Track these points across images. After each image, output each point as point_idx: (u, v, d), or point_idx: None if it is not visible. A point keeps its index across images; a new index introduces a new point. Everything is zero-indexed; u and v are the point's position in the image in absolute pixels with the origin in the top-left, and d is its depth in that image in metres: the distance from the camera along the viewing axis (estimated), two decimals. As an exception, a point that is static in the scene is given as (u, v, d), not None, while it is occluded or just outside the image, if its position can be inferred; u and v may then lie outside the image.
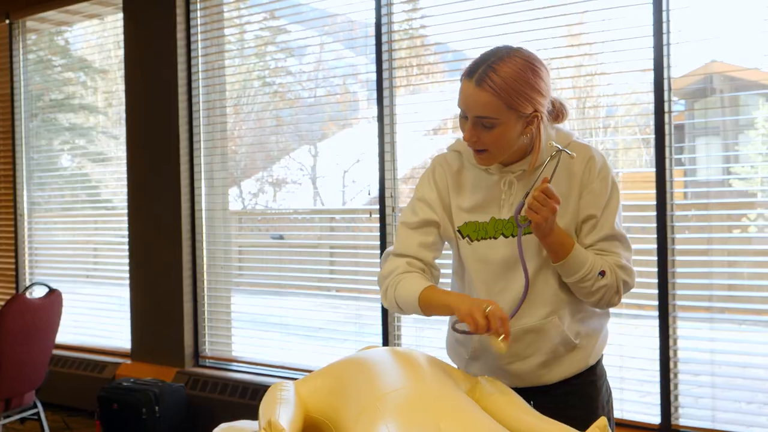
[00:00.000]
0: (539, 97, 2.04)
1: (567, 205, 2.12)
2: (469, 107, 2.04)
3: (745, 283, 3.75)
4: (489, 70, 2.01)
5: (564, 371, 2.21)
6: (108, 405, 4.87)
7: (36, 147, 6.55)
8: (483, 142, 2.05)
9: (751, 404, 3.66)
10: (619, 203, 2.15)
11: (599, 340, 2.26)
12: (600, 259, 2.09)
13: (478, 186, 2.18)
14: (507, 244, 2.13)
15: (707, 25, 3.63)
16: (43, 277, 6.36)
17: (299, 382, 1.96)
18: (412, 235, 2.23)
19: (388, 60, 4.53)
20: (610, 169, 2.15)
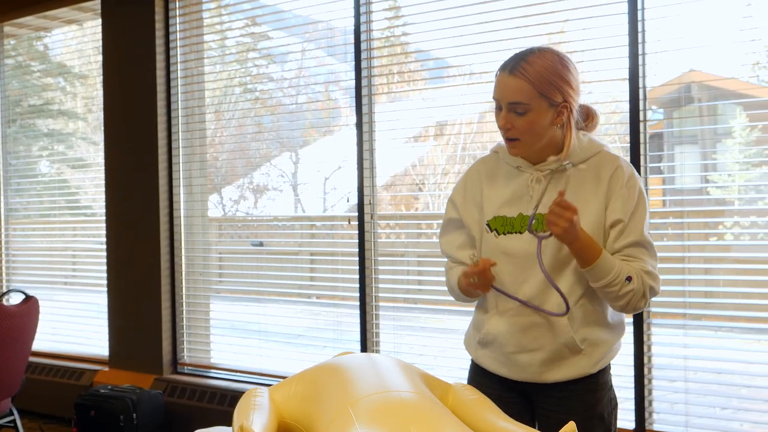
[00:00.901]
0: (569, 89, 2.21)
1: (590, 209, 2.23)
2: (504, 94, 2.21)
3: (720, 290, 3.78)
4: (522, 62, 2.20)
5: (564, 373, 2.27)
6: (85, 412, 4.84)
7: (14, 153, 6.51)
8: (516, 128, 2.21)
9: (725, 410, 3.68)
10: (646, 212, 2.25)
11: (607, 351, 2.31)
12: (627, 265, 2.18)
13: (510, 183, 2.33)
14: (532, 239, 2.24)
15: (685, 35, 3.66)
16: (21, 284, 6.32)
17: (273, 388, 1.96)
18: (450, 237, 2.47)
19: (367, 67, 4.53)
20: (638, 180, 2.28)
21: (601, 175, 2.24)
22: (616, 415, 2.40)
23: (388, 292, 4.57)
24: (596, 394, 2.31)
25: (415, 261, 4.64)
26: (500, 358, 2.34)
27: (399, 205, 4.93)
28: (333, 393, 1.79)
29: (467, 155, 4.59)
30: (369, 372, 1.87)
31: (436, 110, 4.60)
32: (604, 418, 2.33)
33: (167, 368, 5.37)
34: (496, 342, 2.34)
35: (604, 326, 2.30)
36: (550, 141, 2.25)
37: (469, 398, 1.96)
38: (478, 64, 4.23)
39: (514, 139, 2.23)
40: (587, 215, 2.21)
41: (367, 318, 4.55)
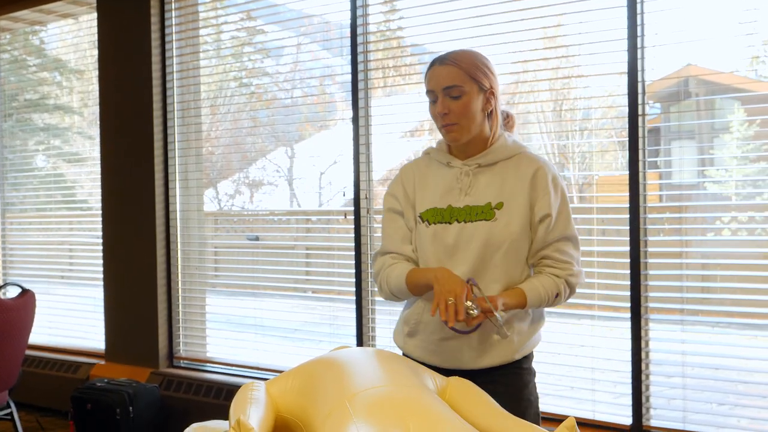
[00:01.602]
0: (493, 77, 2.41)
1: (516, 202, 2.37)
2: (438, 82, 2.38)
3: (718, 285, 3.77)
4: (448, 54, 2.41)
5: (491, 359, 2.40)
6: (82, 405, 4.84)
7: (10, 147, 6.50)
8: (453, 112, 2.36)
9: (723, 405, 3.69)
10: (569, 207, 2.44)
11: (529, 340, 2.47)
12: (552, 282, 2.39)
13: (441, 178, 2.46)
14: (459, 229, 2.38)
15: (683, 29, 3.65)
16: (18, 278, 6.32)
17: (270, 382, 1.96)
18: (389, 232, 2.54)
19: (363, 61, 4.52)
20: (560, 179, 2.45)
21: (524, 173, 2.39)
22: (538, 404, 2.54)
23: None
24: (522, 378, 2.45)
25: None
26: (429, 346, 2.45)
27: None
28: (330, 387, 1.79)
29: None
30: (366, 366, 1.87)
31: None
32: (531, 401, 2.46)
33: (163, 362, 5.37)
34: (426, 330, 2.45)
35: (528, 317, 2.46)
36: (480, 133, 2.41)
37: (466, 392, 1.96)
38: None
39: (451, 124, 2.37)
40: (514, 207, 2.37)
41: (363, 312, 4.55)
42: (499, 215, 2.36)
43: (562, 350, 3.99)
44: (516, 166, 2.41)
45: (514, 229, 2.35)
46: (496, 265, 2.37)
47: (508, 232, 2.35)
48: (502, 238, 2.35)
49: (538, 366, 3.94)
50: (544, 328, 2.56)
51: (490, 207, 2.37)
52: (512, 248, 2.36)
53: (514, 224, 2.35)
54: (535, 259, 2.43)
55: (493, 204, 2.37)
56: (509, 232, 2.35)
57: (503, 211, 2.36)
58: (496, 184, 2.39)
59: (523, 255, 2.40)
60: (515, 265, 2.39)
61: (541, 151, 4.51)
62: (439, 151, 2.50)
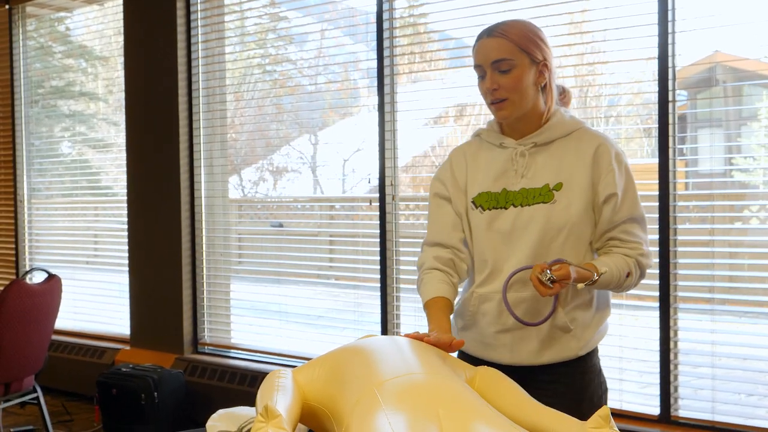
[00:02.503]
0: (546, 48, 2.25)
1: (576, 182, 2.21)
2: (486, 55, 2.22)
3: (745, 274, 3.74)
4: (496, 25, 2.24)
5: (553, 355, 2.25)
6: (107, 390, 4.88)
7: (36, 133, 6.54)
8: (503, 87, 2.20)
9: (751, 396, 3.65)
10: (635, 186, 2.26)
11: (595, 333, 2.29)
12: (622, 261, 2.21)
13: (493, 160, 2.30)
14: (515, 214, 2.23)
15: (711, 15, 3.61)
16: (43, 263, 6.36)
17: (297, 370, 1.95)
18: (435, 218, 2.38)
19: (389, 47, 4.51)
20: (625, 156, 2.27)
21: (585, 150, 2.23)
22: (606, 399, 2.37)
23: (408, 275, 4.56)
24: (585, 376, 2.29)
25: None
26: (485, 339, 2.30)
27: (418, 186, 4.92)
28: (358, 375, 1.79)
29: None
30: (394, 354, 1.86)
31: (457, 92, 4.57)
32: (593, 401, 2.29)
33: (188, 348, 5.39)
34: (481, 322, 2.30)
35: (592, 308, 2.28)
36: (533, 109, 2.25)
37: (495, 381, 1.95)
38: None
39: (501, 100, 2.22)
40: (574, 187, 2.21)
41: (388, 300, 4.54)
42: (559, 197, 2.20)
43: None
44: (575, 143, 2.25)
45: (575, 210, 2.20)
46: (557, 251, 2.21)
47: (569, 214, 2.19)
48: (563, 221, 2.19)
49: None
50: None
51: (548, 189, 2.21)
52: (574, 232, 2.20)
53: (575, 206, 2.20)
54: (600, 242, 2.26)
55: (551, 185, 2.21)
56: (570, 214, 2.19)
57: (562, 193, 2.20)
58: (554, 164, 2.23)
59: (586, 238, 2.25)
60: (577, 249, 2.23)
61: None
62: (491, 132, 2.35)
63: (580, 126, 2.28)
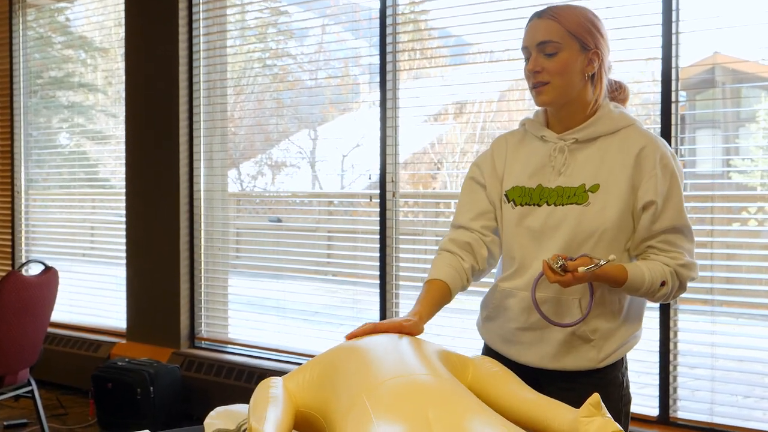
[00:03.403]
0: (600, 38, 2.12)
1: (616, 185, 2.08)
2: (533, 37, 2.11)
3: (744, 276, 3.74)
4: (552, 7, 2.11)
5: (570, 362, 2.15)
6: (102, 384, 4.86)
7: (35, 124, 6.52)
8: (546, 70, 2.09)
9: (748, 398, 3.65)
10: (681, 193, 2.10)
11: (618, 346, 2.17)
12: (659, 269, 2.06)
13: (533, 154, 2.20)
14: (548, 213, 2.12)
15: (711, 17, 3.61)
16: (40, 254, 6.35)
17: (287, 377, 1.93)
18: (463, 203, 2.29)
19: (392, 44, 4.50)
20: (673, 159, 2.11)
21: (630, 150, 2.08)
22: (627, 412, 2.26)
23: (408, 272, 4.55)
24: (605, 389, 2.11)
25: (433, 241, 4.62)
26: (506, 335, 2.22)
27: (417, 184, 4.91)
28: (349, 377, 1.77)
29: (486, 135, 4.55)
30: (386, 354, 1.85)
31: (457, 89, 4.57)
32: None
33: (184, 342, 5.38)
34: (504, 317, 2.22)
35: (619, 318, 2.15)
36: (579, 99, 2.13)
37: (490, 372, 1.92)
38: (499, 42, 4.19)
39: (542, 84, 2.10)
40: (612, 190, 2.07)
41: (387, 297, 4.54)
42: (593, 199, 2.07)
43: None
44: (620, 142, 2.10)
45: (609, 215, 2.06)
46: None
47: (603, 219, 2.06)
48: (595, 225, 2.06)
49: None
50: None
51: (584, 189, 2.08)
52: (606, 237, 2.07)
53: (610, 210, 2.06)
54: (639, 250, 2.13)
55: (587, 186, 2.08)
56: (603, 219, 2.06)
57: (598, 195, 2.07)
58: (594, 163, 2.10)
59: (621, 245, 2.11)
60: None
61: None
62: (535, 122, 2.22)
63: (630, 123, 2.14)
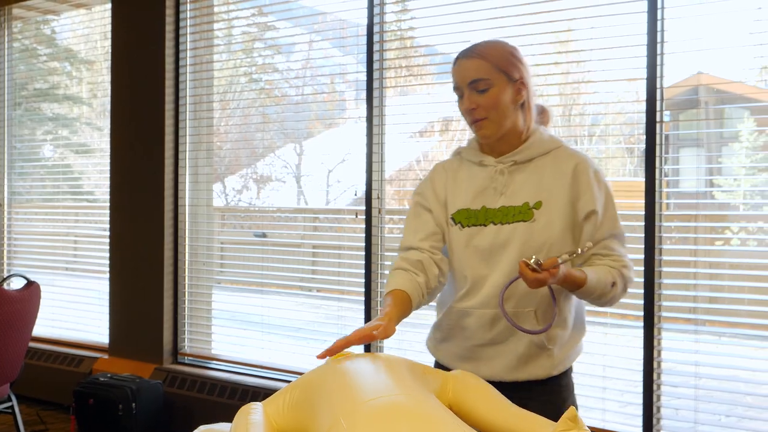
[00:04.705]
0: (522, 67, 2.27)
1: (555, 201, 2.23)
2: (463, 76, 2.26)
3: (727, 296, 3.76)
4: (473, 46, 2.28)
5: (529, 372, 2.26)
6: (84, 400, 4.82)
7: (18, 136, 6.49)
8: (481, 106, 2.23)
9: (730, 417, 3.67)
10: (614, 203, 2.29)
11: (570, 352, 2.32)
12: (607, 270, 2.21)
13: (473, 178, 2.32)
14: (495, 232, 2.25)
15: (695, 38, 3.64)
16: (22, 268, 6.30)
17: (266, 402, 1.94)
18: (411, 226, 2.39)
19: (379, 60, 4.51)
20: (603, 174, 2.30)
21: (564, 169, 2.25)
22: None
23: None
24: (560, 395, 2.30)
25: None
26: (463, 352, 2.31)
27: (403, 200, 4.92)
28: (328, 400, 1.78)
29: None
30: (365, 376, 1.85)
31: (443, 106, 4.59)
32: None
33: (167, 358, 5.35)
34: (461, 336, 2.31)
35: (568, 327, 2.30)
36: (513, 127, 2.27)
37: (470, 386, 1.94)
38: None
39: (481, 119, 2.25)
40: (554, 206, 2.23)
41: (372, 313, 4.53)
42: (538, 215, 2.21)
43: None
44: (554, 161, 2.27)
45: (555, 229, 2.21)
46: None
47: (549, 233, 2.21)
48: (543, 239, 2.20)
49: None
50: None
51: (528, 207, 2.23)
52: (553, 250, 2.20)
53: (555, 224, 2.21)
54: (582, 259, 2.25)
55: (531, 203, 2.23)
56: (550, 233, 2.21)
57: (542, 211, 2.22)
58: (534, 183, 2.25)
59: None
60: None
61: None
62: (471, 150, 2.36)
63: (559, 145, 2.30)
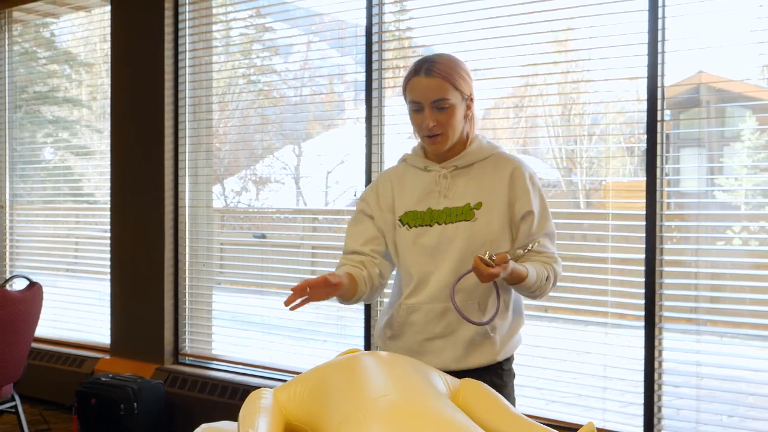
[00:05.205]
0: (470, 82, 2.45)
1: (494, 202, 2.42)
2: (426, 95, 2.38)
3: (728, 295, 3.76)
4: (432, 64, 2.39)
5: (475, 360, 2.43)
6: (86, 400, 4.83)
7: (19, 139, 6.49)
8: (440, 124, 2.38)
9: (732, 417, 3.67)
10: (547, 204, 2.49)
11: (510, 341, 2.49)
12: (542, 266, 2.40)
13: (418, 183, 2.50)
14: (439, 231, 2.43)
15: (696, 36, 3.64)
16: (23, 269, 6.30)
17: (278, 389, 1.94)
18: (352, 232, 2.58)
19: (378, 61, 4.52)
20: (536, 176, 2.50)
21: (502, 172, 2.44)
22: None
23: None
24: (502, 379, 2.47)
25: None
26: (413, 347, 2.45)
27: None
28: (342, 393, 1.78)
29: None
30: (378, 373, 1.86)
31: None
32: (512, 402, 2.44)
33: (168, 358, 5.36)
34: (410, 331, 2.46)
35: (509, 316, 2.48)
36: (460, 138, 2.46)
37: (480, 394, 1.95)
38: (483, 60, 4.23)
39: (437, 135, 2.39)
40: (493, 206, 2.41)
41: (372, 314, 4.54)
42: (479, 215, 2.41)
43: (571, 357, 3.98)
44: (493, 166, 2.46)
45: (495, 227, 2.40)
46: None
47: (489, 231, 2.40)
48: (483, 236, 2.39)
49: (545, 372, 3.97)
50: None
51: (470, 207, 2.41)
52: (494, 247, 2.37)
53: (494, 223, 2.40)
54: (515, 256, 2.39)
55: (472, 204, 2.42)
56: (490, 230, 2.40)
57: (483, 211, 2.41)
58: (474, 185, 2.44)
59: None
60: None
61: (548, 155, 4.51)
62: (416, 157, 2.54)
63: (496, 150, 2.49)
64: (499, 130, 4.41)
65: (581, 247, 4.10)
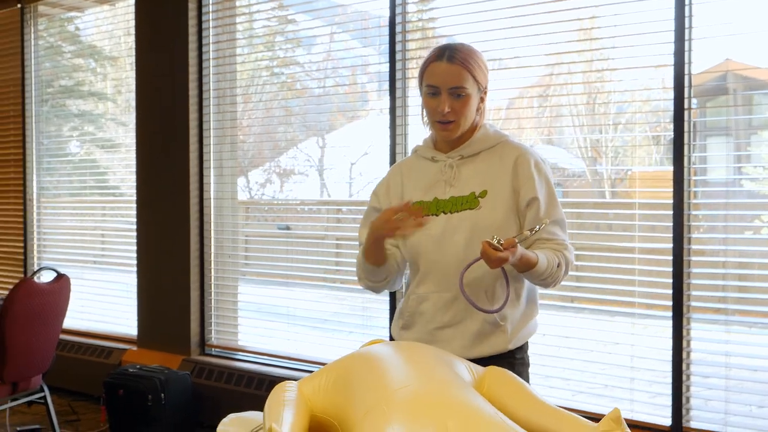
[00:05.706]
0: (487, 74, 2.46)
1: (499, 190, 2.41)
2: (445, 81, 2.38)
3: (757, 285, 3.73)
4: (455, 51, 2.40)
5: (485, 349, 2.41)
6: (114, 391, 4.87)
7: (46, 132, 6.54)
8: (454, 111, 2.39)
9: (763, 408, 3.64)
10: (555, 191, 2.47)
11: (524, 328, 2.47)
12: (552, 253, 2.37)
13: (426, 173, 2.52)
14: (445, 220, 2.43)
15: (723, 23, 3.60)
16: (51, 261, 6.37)
17: (302, 382, 1.94)
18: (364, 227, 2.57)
19: (401, 51, 4.50)
20: (543, 163, 2.47)
21: (507, 160, 2.43)
22: None
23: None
24: (515, 369, 2.41)
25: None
26: (424, 336, 2.45)
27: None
28: (366, 384, 1.78)
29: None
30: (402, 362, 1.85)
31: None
32: None
33: (195, 349, 5.39)
34: (421, 320, 2.47)
35: (521, 304, 2.46)
36: (470, 127, 2.47)
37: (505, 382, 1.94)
38: (507, 50, 4.21)
39: (450, 121, 2.40)
40: (498, 194, 2.41)
41: (396, 305, 4.54)
42: (484, 203, 2.41)
43: (598, 347, 3.96)
44: (499, 154, 2.46)
45: (499, 215, 2.39)
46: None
47: (493, 218, 2.39)
48: (488, 224, 2.38)
49: (572, 363, 3.95)
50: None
51: (474, 196, 2.42)
52: (499, 234, 2.30)
53: (499, 210, 2.40)
54: (526, 244, 2.39)
55: (477, 193, 2.42)
56: (495, 218, 2.39)
57: (487, 199, 2.41)
58: (480, 174, 2.44)
59: None
60: None
61: (573, 145, 4.48)
62: (425, 147, 2.56)
63: (502, 138, 2.48)
64: (524, 120, 4.39)
65: (608, 237, 4.07)
